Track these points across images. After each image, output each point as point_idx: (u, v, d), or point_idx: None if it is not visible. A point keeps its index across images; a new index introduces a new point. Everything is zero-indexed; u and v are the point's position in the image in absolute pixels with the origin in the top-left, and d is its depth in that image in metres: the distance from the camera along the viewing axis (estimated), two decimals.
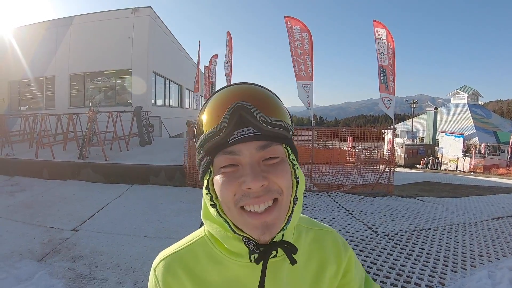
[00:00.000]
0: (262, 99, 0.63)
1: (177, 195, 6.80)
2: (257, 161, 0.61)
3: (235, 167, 0.62)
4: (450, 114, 47.81)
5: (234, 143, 0.60)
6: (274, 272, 0.70)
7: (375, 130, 9.11)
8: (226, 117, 0.60)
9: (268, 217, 0.61)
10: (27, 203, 6.16)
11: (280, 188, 0.62)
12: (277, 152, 0.63)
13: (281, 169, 0.63)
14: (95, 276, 3.56)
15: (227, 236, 0.68)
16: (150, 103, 14.76)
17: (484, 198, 8.85)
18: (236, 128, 0.60)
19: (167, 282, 0.72)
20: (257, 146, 0.61)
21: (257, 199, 0.60)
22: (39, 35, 15.01)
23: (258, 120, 0.60)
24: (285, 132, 0.63)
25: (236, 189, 0.61)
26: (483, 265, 4.00)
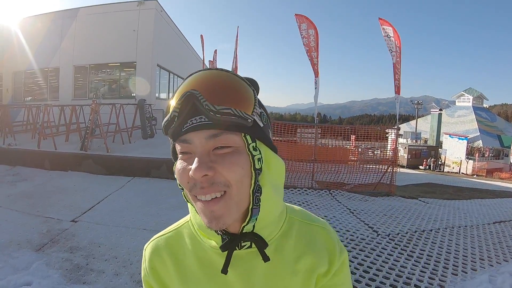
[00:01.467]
0: (212, 86, 0.61)
1: (178, 189, 6.71)
2: (207, 150, 0.61)
3: (189, 155, 0.63)
4: (455, 116, 47.65)
5: (187, 131, 0.61)
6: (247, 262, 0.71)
7: (378, 129, 9.06)
8: (177, 106, 0.60)
9: (213, 206, 0.61)
10: (27, 193, 6.16)
11: (227, 180, 0.61)
12: (229, 142, 0.62)
13: (230, 160, 0.61)
14: (92, 268, 3.55)
15: (201, 223, 0.68)
16: (154, 97, 14.74)
17: (487, 201, 8.80)
18: (189, 117, 0.61)
19: (152, 262, 0.78)
20: (207, 135, 0.60)
21: (202, 189, 0.61)
22: (44, 27, 15.01)
23: (205, 108, 0.59)
24: (239, 120, 0.61)
25: (188, 177, 0.62)
26: (484, 269, 3.97)
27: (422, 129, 45.54)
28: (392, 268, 3.82)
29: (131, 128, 11.15)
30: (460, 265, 4.03)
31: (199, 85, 0.61)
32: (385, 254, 4.18)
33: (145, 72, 14.29)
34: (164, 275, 0.76)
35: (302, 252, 0.74)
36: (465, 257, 4.30)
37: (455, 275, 3.76)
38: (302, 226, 0.78)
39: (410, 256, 4.19)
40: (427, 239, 4.89)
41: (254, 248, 0.69)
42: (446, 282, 3.58)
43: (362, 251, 4.24)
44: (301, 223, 0.78)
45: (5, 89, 16.41)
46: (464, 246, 4.71)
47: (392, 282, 3.47)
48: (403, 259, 4.09)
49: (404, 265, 3.91)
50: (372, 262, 3.93)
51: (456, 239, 4.99)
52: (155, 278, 0.77)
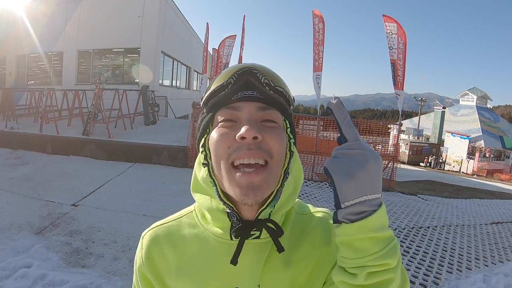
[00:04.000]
0: (269, 69, 0.67)
1: (179, 176, 6.80)
2: (255, 119, 0.63)
3: (233, 123, 0.64)
4: (458, 114, 47.34)
5: (237, 100, 0.63)
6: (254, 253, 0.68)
7: (381, 124, 9.04)
8: (233, 76, 0.64)
9: (255, 177, 0.60)
10: (29, 176, 6.19)
11: (271, 150, 0.62)
12: (276, 118, 0.65)
13: (276, 133, 0.64)
14: (91, 252, 3.59)
15: (212, 207, 0.68)
16: (157, 83, 14.68)
17: (486, 201, 8.82)
18: (241, 89, 0.64)
19: (150, 251, 0.75)
20: (258, 106, 0.64)
21: (249, 151, 0.60)
22: (49, 10, 14.87)
23: (262, 83, 0.63)
24: (285, 103, 0.67)
25: (231, 141, 0.62)
26: (479, 269, 4.01)
27: (425, 126, 45.32)
28: None
29: (134, 114, 11.15)
30: (456, 264, 4.07)
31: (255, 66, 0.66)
32: None
33: (149, 58, 14.22)
34: (160, 266, 0.73)
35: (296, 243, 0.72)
36: (461, 256, 4.33)
37: (450, 273, 3.79)
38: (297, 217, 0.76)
39: (406, 252, 4.22)
40: (424, 236, 4.92)
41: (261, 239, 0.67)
42: (441, 279, 3.61)
43: None
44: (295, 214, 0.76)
45: (8, 73, 16.36)
46: (461, 245, 4.74)
47: None
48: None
49: None
50: None
51: (453, 238, 5.02)
52: (150, 268, 0.74)
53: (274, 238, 0.65)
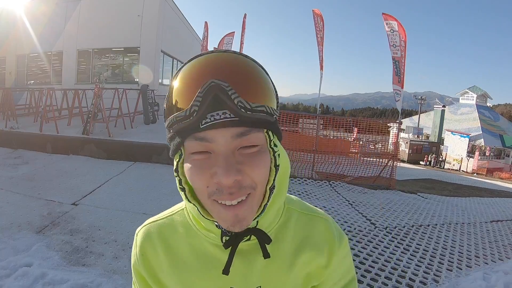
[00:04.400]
0: (242, 77, 0.54)
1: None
2: (232, 150, 0.54)
3: (207, 154, 0.55)
4: (458, 113, 47.34)
5: (206, 128, 0.53)
6: (246, 255, 0.68)
7: (381, 122, 9.05)
8: (197, 99, 0.51)
9: (240, 210, 0.56)
10: (29, 176, 6.19)
11: (254, 182, 0.56)
12: (256, 140, 0.56)
13: (258, 160, 0.56)
14: (92, 250, 3.59)
15: (200, 217, 0.64)
16: (157, 83, 14.70)
17: (486, 200, 8.83)
18: (209, 111, 0.52)
19: (143, 248, 0.73)
20: (234, 133, 0.53)
21: (231, 195, 0.55)
22: (49, 10, 14.89)
23: (236, 104, 0.52)
24: (267, 117, 0.56)
25: (208, 180, 0.55)
26: (478, 267, 4.01)
27: (425, 125, 45.35)
28: (388, 260, 3.86)
29: (134, 113, 11.15)
30: (456, 261, 4.07)
31: (226, 74, 0.53)
32: (381, 247, 4.22)
33: (148, 57, 14.24)
34: (154, 263, 0.72)
35: (300, 245, 0.72)
36: (460, 254, 4.33)
37: (449, 271, 3.80)
38: (301, 216, 0.75)
39: (406, 250, 4.23)
40: (424, 234, 4.92)
41: (252, 240, 0.67)
42: (441, 277, 3.61)
43: (359, 242, 4.28)
44: (300, 213, 0.75)
45: (8, 72, 16.36)
46: (460, 243, 4.74)
47: (387, 275, 3.51)
48: (399, 252, 4.13)
49: (400, 258, 3.95)
50: (368, 254, 3.96)
51: (453, 236, 5.03)
52: (145, 265, 0.73)
53: (261, 244, 0.65)
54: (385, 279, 3.41)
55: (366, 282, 3.32)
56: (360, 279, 3.37)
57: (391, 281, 3.40)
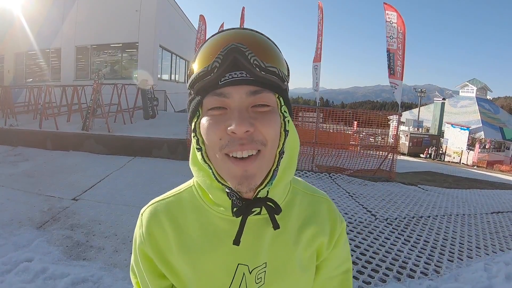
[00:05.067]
0: (258, 43, 0.61)
1: (179, 169, 6.79)
2: (246, 106, 0.59)
3: (223, 110, 0.60)
4: (458, 106, 47.40)
5: (225, 85, 0.58)
6: (255, 229, 0.69)
7: (380, 114, 9.02)
8: (219, 57, 0.57)
9: (249, 165, 0.59)
10: (29, 172, 6.18)
11: (265, 138, 0.60)
12: (268, 101, 0.61)
13: (269, 118, 0.60)
14: (92, 245, 3.59)
15: (211, 186, 0.66)
16: (156, 77, 14.66)
17: (486, 192, 8.83)
18: (228, 70, 0.58)
19: (150, 227, 0.73)
20: (248, 91, 0.59)
21: (241, 146, 0.58)
22: (46, 7, 14.77)
23: (252, 63, 0.57)
24: (279, 81, 0.61)
25: (222, 133, 0.59)
26: (479, 257, 4.01)
27: (425, 118, 45.37)
28: (389, 251, 3.86)
29: (133, 108, 11.13)
30: (456, 252, 4.07)
31: (243, 40, 0.60)
32: (382, 238, 4.22)
33: (147, 52, 14.19)
34: (162, 242, 0.72)
35: (305, 222, 0.75)
36: (461, 245, 4.33)
37: (451, 262, 3.80)
38: (305, 196, 0.78)
39: (407, 241, 4.23)
40: (424, 225, 4.92)
41: (262, 215, 0.68)
42: (442, 268, 3.61)
43: (359, 233, 4.28)
44: (304, 193, 0.78)
45: (7, 70, 16.30)
46: (461, 234, 4.74)
47: (388, 265, 3.51)
48: (400, 243, 4.12)
49: (400, 249, 3.95)
50: (369, 245, 3.96)
51: (454, 227, 5.03)
52: (152, 245, 0.72)
53: (271, 215, 0.67)
54: (386, 270, 3.42)
55: (367, 273, 3.32)
56: (361, 270, 3.37)
57: (392, 271, 3.40)
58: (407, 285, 3.19)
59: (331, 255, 0.79)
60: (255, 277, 0.70)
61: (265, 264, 0.70)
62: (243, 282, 0.69)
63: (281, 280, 0.72)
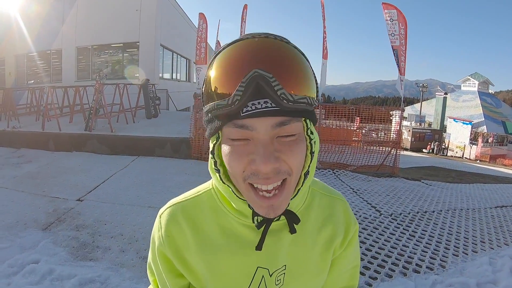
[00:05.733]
0: (285, 67, 0.53)
1: (182, 167, 6.81)
2: (271, 138, 0.55)
3: (246, 141, 0.56)
4: (460, 100, 47.20)
5: (247, 116, 0.53)
6: (274, 234, 0.69)
7: (383, 109, 9.00)
8: (240, 89, 0.51)
9: (275, 201, 0.58)
10: (33, 174, 6.20)
11: (291, 169, 0.57)
12: (295, 130, 0.56)
13: (296, 148, 0.57)
14: (98, 245, 3.60)
15: (233, 197, 0.65)
16: (158, 77, 14.66)
17: (490, 186, 8.81)
18: (250, 99, 0.52)
19: (169, 229, 0.73)
20: (274, 123, 0.54)
21: (267, 180, 0.56)
22: (45, 8, 14.73)
23: (279, 96, 0.52)
24: (307, 107, 0.56)
25: (245, 165, 0.56)
26: (484, 252, 4.00)
27: (427, 113, 45.25)
28: (394, 247, 3.86)
29: (135, 108, 11.14)
30: (461, 247, 4.06)
31: (269, 63, 0.52)
32: (387, 233, 4.23)
33: (148, 52, 14.18)
34: (181, 244, 0.72)
35: (323, 224, 0.76)
36: (466, 239, 4.33)
37: (456, 256, 3.80)
38: (323, 198, 0.78)
39: (412, 236, 4.23)
40: (429, 220, 4.92)
41: (281, 220, 0.68)
42: (447, 262, 3.62)
43: (364, 229, 4.28)
44: (321, 195, 0.79)
45: (8, 73, 16.31)
46: (466, 228, 4.74)
47: (394, 261, 3.52)
48: (405, 238, 4.13)
49: (406, 244, 3.95)
50: (374, 241, 3.97)
51: (458, 221, 5.02)
52: (171, 247, 0.72)
53: (290, 223, 0.67)
54: (391, 265, 3.42)
55: (373, 269, 3.32)
56: (367, 265, 3.38)
57: (398, 267, 3.40)
58: (413, 279, 3.19)
59: (343, 256, 0.81)
60: (275, 279, 0.71)
61: (284, 266, 0.71)
62: (262, 284, 0.70)
63: (299, 280, 0.74)
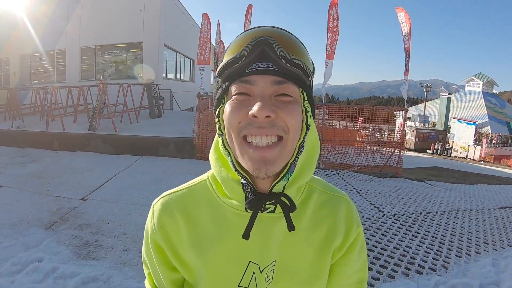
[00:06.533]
0: (286, 38, 0.63)
1: (186, 167, 6.83)
2: (269, 94, 0.61)
3: (247, 96, 0.62)
4: (464, 100, 46.93)
5: (251, 73, 0.61)
6: (267, 227, 0.69)
7: (386, 110, 8.98)
8: (248, 46, 0.61)
9: (268, 152, 0.60)
10: (37, 173, 6.24)
11: (287, 126, 0.61)
12: (291, 92, 0.63)
13: (292, 108, 0.62)
14: (101, 244, 3.62)
15: (227, 177, 0.67)
16: (161, 77, 14.69)
17: (493, 187, 8.78)
18: (255, 61, 0.61)
19: (162, 219, 0.74)
20: (273, 80, 0.61)
21: (260, 129, 0.60)
22: (50, 9, 14.82)
23: (278, 55, 0.60)
24: (303, 75, 0.64)
25: (242, 117, 0.61)
26: (487, 253, 3.99)
27: (431, 113, 45.02)
28: (397, 247, 3.85)
29: (139, 108, 11.17)
30: (464, 248, 4.05)
31: (272, 34, 0.62)
32: (390, 234, 4.22)
33: (152, 52, 14.22)
34: (173, 235, 0.72)
35: (319, 222, 0.74)
36: (469, 240, 4.31)
37: (459, 257, 3.78)
38: (322, 195, 0.77)
39: (415, 237, 4.22)
40: (432, 221, 4.90)
41: (276, 214, 0.68)
42: (450, 263, 3.60)
43: (367, 230, 4.28)
44: (321, 192, 0.77)
45: (12, 73, 16.40)
46: (469, 229, 4.72)
47: (396, 261, 3.51)
48: (408, 239, 4.12)
49: (408, 245, 3.95)
50: (377, 241, 3.96)
51: (461, 222, 5.00)
52: (163, 237, 0.73)
53: (286, 213, 0.66)
54: (394, 266, 3.41)
55: (375, 269, 3.32)
56: (369, 266, 3.37)
57: (401, 267, 3.39)
58: (415, 280, 3.18)
59: (343, 262, 0.78)
60: (265, 276, 0.70)
61: (274, 262, 0.70)
62: (253, 280, 0.70)
63: (290, 278, 0.72)
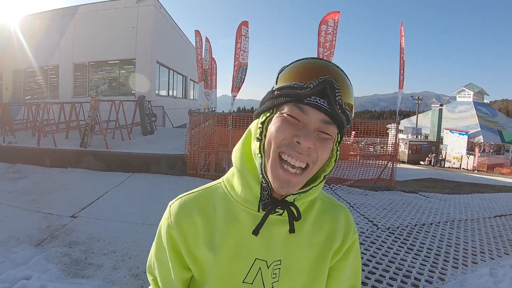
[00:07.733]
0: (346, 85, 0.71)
1: (178, 184, 6.76)
2: (314, 128, 0.68)
3: (296, 121, 0.68)
4: (455, 111, 47.49)
5: (309, 104, 0.67)
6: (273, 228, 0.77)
7: (378, 123, 9.02)
8: (316, 81, 0.66)
9: (294, 178, 0.69)
10: (27, 190, 6.14)
11: (318, 158, 0.69)
12: (331, 132, 0.70)
13: (328, 146, 0.70)
14: (91, 262, 3.54)
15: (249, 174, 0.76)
16: (154, 93, 14.69)
17: (487, 195, 8.80)
18: (316, 95, 0.67)
19: (179, 217, 0.79)
20: (323, 118, 0.68)
21: (299, 155, 0.67)
22: (44, 25, 14.87)
23: (336, 101, 0.67)
24: (345, 122, 0.71)
25: (286, 136, 0.68)
26: (484, 262, 3.96)
27: (423, 125, 45.43)
28: (392, 261, 3.81)
29: (131, 124, 11.11)
30: (461, 258, 4.02)
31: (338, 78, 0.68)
32: (385, 247, 4.18)
33: (144, 68, 14.23)
34: (189, 234, 0.78)
35: (320, 226, 0.82)
36: (465, 250, 4.29)
37: (455, 268, 3.75)
38: (324, 204, 0.86)
39: (410, 249, 4.18)
40: (427, 233, 4.88)
41: (283, 217, 0.76)
42: (447, 275, 3.57)
43: (362, 244, 4.23)
44: (322, 201, 0.86)
45: (5, 88, 16.33)
46: (465, 240, 4.70)
47: (392, 275, 3.46)
48: (403, 252, 4.08)
49: (404, 258, 3.91)
50: (372, 255, 3.92)
51: (457, 233, 4.98)
52: (179, 234, 0.78)
53: (290, 220, 0.75)
54: (390, 280, 3.37)
55: (370, 284, 3.27)
56: (364, 281, 3.32)
57: (396, 281, 3.35)
58: None
59: (339, 267, 0.85)
60: (271, 272, 0.77)
61: (279, 261, 0.77)
62: (259, 276, 0.77)
63: (294, 279, 0.79)
